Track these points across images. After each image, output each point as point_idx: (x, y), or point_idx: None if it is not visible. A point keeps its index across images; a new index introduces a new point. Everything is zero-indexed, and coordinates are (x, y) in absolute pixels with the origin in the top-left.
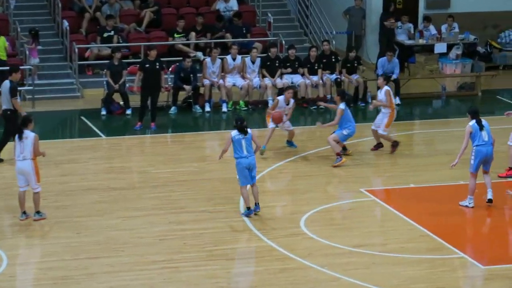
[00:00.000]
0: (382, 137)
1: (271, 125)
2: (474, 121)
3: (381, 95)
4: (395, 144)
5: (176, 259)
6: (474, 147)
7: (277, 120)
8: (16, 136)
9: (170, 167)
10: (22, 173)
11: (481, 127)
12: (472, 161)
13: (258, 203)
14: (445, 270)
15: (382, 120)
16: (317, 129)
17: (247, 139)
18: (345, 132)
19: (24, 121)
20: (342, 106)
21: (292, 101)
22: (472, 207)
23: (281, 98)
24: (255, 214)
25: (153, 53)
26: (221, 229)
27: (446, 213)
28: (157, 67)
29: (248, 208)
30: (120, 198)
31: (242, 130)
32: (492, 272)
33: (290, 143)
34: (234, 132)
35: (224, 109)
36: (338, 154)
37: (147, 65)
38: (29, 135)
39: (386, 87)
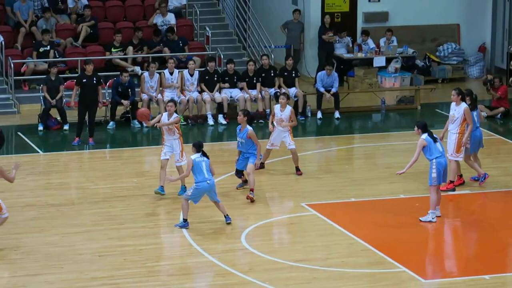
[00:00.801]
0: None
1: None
2: (426, 134)
3: (285, 113)
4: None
5: (116, 275)
6: (434, 160)
7: (141, 117)
8: None
9: (109, 182)
10: None
11: (434, 140)
12: (434, 174)
13: (227, 215)
14: (386, 284)
15: (284, 138)
16: None
17: (207, 162)
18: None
19: None
20: (250, 127)
21: (288, 108)
22: (435, 221)
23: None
24: (228, 224)
25: (89, 68)
26: (162, 244)
27: (387, 227)
28: (94, 82)
29: (185, 220)
30: (59, 215)
31: (204, 154)
32: (433, 286)
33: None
34: (195, 155)
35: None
36: (251, 190)
37: (84, 80)
38: None
39: (289, 106)
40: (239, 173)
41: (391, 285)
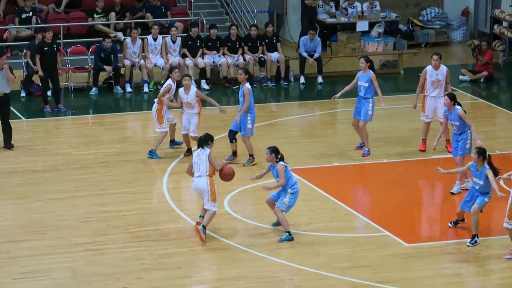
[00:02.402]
0: (193, 139)
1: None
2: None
3: (190, 96)
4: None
5: (99, 241)
6: (468, 131)
7: (227, 178)
8: None
9: (92, 148)
10: None
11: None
12: (468, 145)
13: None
14: (369, 248)
15: (191, 122)
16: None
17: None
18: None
19: None
20: (248, 85)
21: (193, 90)
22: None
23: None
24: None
25: (49, 36)
26: (144, 210)
27: (370, 191)
28: (55, 49)
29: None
30: (42, 181)
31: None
32: (415, 249)
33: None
34: (281, 162)
35: (146, 89)
36: (251, 155)
37: (46, 48)
38: None
39: (194, 89)
40: (232, 134)
41: (373, 249)
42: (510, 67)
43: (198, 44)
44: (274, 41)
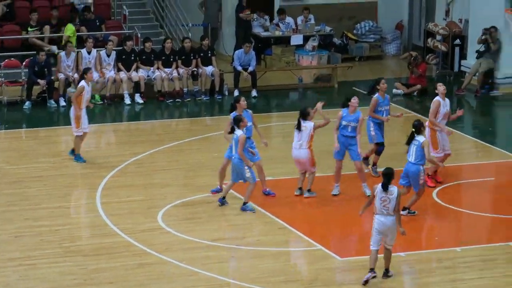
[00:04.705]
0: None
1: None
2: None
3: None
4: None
5: (32, 256)
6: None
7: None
8: None
9: (26, 163)
10: None
11: None
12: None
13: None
14: (302, 262)
15: None
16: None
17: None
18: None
19: None
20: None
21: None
22: None
23: None
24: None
25: None
26: (78, 225)
27: (303, 205)
28: None
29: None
30: None
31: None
32: (349, 263)
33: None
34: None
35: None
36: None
37: None
38: None
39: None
40: None
41: (307, 263)
42: (443, 80)
43: (132, 57)
44: (209, 54)
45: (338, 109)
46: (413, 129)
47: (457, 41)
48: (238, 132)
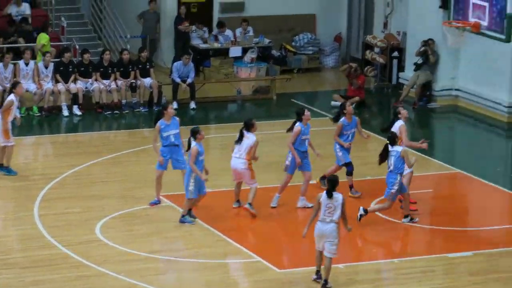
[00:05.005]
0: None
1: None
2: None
3: None
4: None
5: None
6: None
7: None
8: None
9: None
10: None
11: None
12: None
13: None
14: (240, 274)
15: None
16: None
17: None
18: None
19: None
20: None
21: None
22: None
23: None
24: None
25: None
26: (14, 237)
27: (241, 217)
28: None
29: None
30: None
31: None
32: (287, 275)
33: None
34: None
35: (17, 114)
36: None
37: None
38: None
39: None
40: None
41: (245, 275)
42: (381, 92)
43: (70, 69)
44: (147, 66)
45: (276, 121)
46: (388, 141)
47: (395, 54)
48: (192, 144)
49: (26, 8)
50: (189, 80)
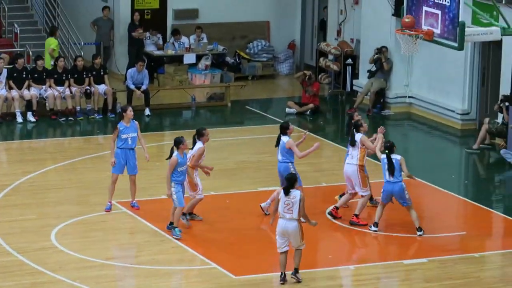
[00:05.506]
0: None
1: None
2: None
3: None
4: None
5: None
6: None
7: None
8: None
9: None
10: None
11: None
12: None
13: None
14: (197, 281)
15: None
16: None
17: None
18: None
19: None
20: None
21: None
22: None
23: None
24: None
25: None
26: None
27: (197, 224)
28: None
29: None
30: None
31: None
32: (243, 281)
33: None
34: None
35: None
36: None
37: None
38: None
39: None
40: None
41: (202, 282)
42: (335, 99)
43: (24, 75)
44: (102, 73)
45: (231, 128)
46: (386, 151)
47: (349, 61)
48: (174, 153)
49: None
50: (143, 87)
